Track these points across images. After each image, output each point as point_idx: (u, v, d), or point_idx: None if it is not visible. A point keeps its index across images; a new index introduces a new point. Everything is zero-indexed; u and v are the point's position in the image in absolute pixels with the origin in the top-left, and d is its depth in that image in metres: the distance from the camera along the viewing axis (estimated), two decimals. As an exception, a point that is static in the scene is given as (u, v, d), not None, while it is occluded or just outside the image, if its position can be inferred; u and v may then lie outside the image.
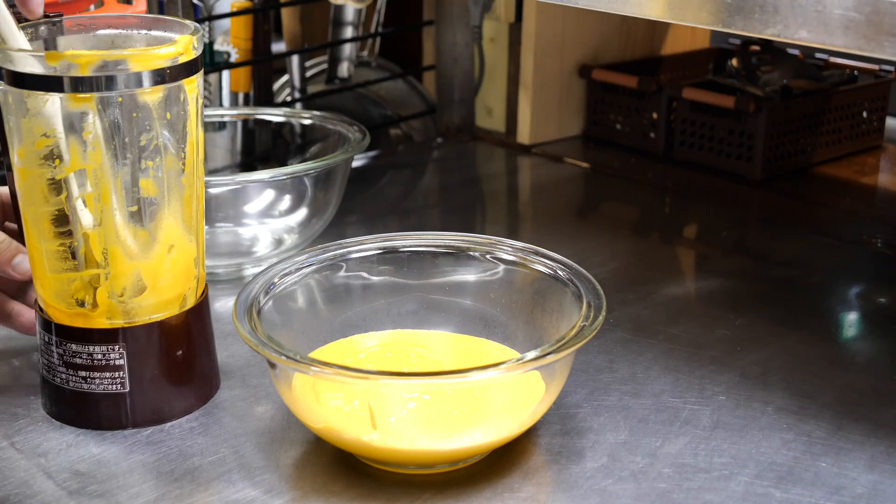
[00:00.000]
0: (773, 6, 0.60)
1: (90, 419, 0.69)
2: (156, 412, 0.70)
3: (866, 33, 0.57)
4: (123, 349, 0.68)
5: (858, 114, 1.22)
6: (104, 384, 0.69)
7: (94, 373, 0.68)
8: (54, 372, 0.69)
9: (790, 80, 1.18)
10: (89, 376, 0.69)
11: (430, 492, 0.62)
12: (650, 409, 0.71)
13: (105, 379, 0.69)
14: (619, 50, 1.30)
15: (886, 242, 0.99)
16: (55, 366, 0.69)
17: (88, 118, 0.64)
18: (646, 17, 0.67)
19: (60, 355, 0.69)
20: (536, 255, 0.73)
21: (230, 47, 1.25)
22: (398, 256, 0.76)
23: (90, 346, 0.68)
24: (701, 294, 0.92)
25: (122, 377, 0.69)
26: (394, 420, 0.63)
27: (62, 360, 0.69)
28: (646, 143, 1.23)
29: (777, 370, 0.76)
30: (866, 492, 0.63)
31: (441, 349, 0.73)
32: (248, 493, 0.63)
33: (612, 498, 0.62)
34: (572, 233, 1.04)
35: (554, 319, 0.70)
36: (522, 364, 0.60)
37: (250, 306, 0.67)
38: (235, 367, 0.76)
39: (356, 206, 1.08)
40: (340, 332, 0.74)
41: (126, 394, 0.69)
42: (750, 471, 0.65)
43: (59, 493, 0.63)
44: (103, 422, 0.69)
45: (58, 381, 0.69)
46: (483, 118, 1.32)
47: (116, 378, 0.69)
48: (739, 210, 1.11)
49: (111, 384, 0.69)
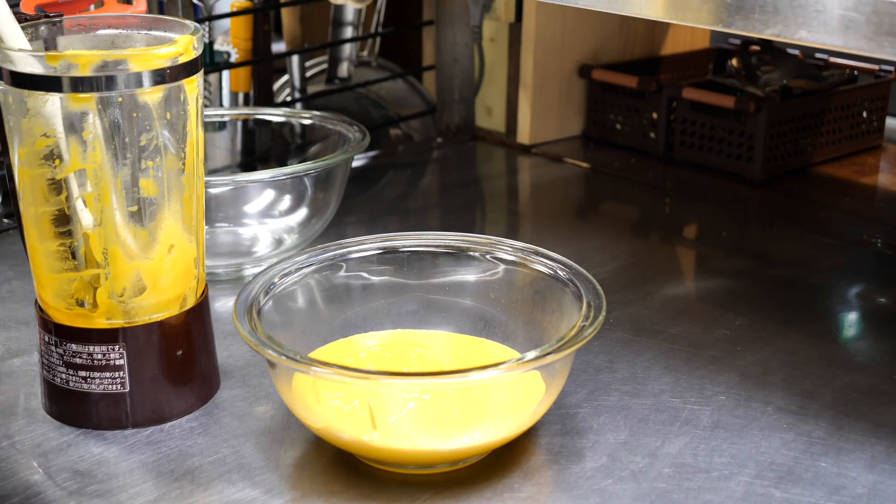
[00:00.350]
0: (773, 6, 0.60)
1: (90, 419, 0.69)
2: (156, 412, 0.70)
3: (866, 33, 0.57)
4: (123, 349, 0.68)
5: (858, 114, 1.22)
6: (104, 384, 0.69)
7: (94, 373, 0.68)
8: (54, 372, 0.69)
9: (790, 80, 1.18)
10: (89, 376, 0.69)
11: (430, 492, 0.62)
12: (650, 409, 0.71)
13: (105, 379, 0.69)
14: (619, 50, 1.30)
15: (886, 242, 0.99)
16: (55, 365, 0.69)
17: (88, 118, 0.64)
18: (646, 17, 0.67)
19: (60, 355, 0.69)
20: (536, 255, 0.73)
21: (230, 47, 1.25)
22: (398, 256, 0.76)
23: (90, 346, 0.68)
24: (701, 294, 0.92)
25: (122, 377, 0.69)
26: (394, 420, 0.63)
27: (62, 359, 0.69)
28: (646, 143, 1.23)
29: (777, 370, 0.76)
30: (866, 492, 0.63)
31: (441, 349, 0.73)
32: (248, 493, 0.63)
33: (612, 498, 0.62)
34: (572, 233, 1.04)
35: (554, 319, 0.70)
36: (522, 364, 0.60)
37: (250, 306, 0.67)
38: (235, 367, 0.76)
39: (356, 206, 1.08)
40: (340, 332, 0.74)
41: (126, 394, 0.69)
42: (750, 471, 0.65)
43: (59, 493, 0.63)
44: (103, 422, 0.69)
45: (58, 381, 0.69)
46: (483, 118, 1.32)
47: (116, 378, 0.69)
48: (739, 210, 1.11)
49: (111, 384, 0.69)
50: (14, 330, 0.82)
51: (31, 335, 0.81)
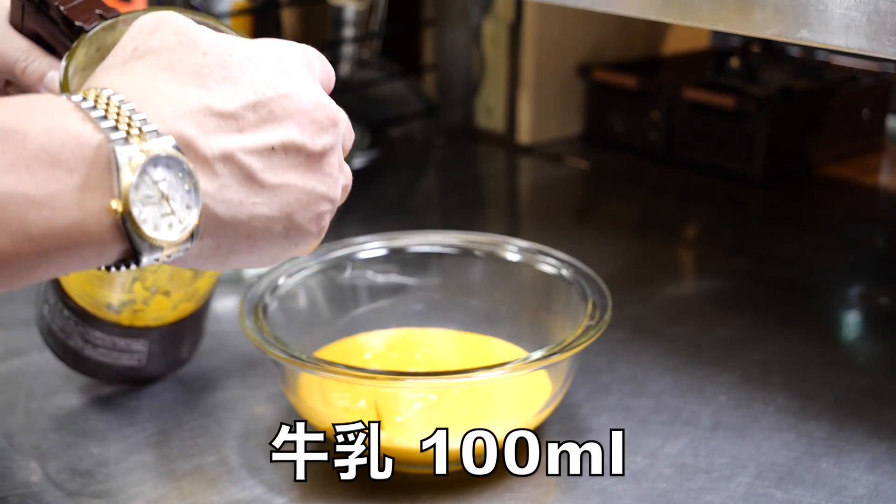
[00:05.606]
0: (773, 6, 0.60)
1: (96, 375, 0.72)
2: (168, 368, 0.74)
3: (867, 33, 0.57)
4: (146, 341, 0.70)
5: (859, 114, 1.22)
6: (122, 360, 0.71)
7: (115, 353, 0.70)
8: (67, 334, 0.70)
9: (790, 80, 1.18)
10: (109, 354, 0.70)
11: (431, 492, 0.62)
12: (650, 409, 0.71)
13: (123, 356, 0.71)
14: (619, 50, 1.30)
15: (886, 242, 0.99)
16: (72, 335, 0.70)
17: None
18: (646, 17, 0.67)
19: (81, 333, 0.70)
20: (542, 255, 0.73)
21: (230, 47, 1.25)
22: (403, 256, 0.76)
23: (114, 337, 0.70)
24: (701, 294, 0.92)
25: (140, 358, 0.71)
26: (400, 420, 0.63)
27: (83, 337, 0.70)
28: (646, 143, 1.23)
29: (777, 370, 0.76)
30: (867, 492, 0.63)
31: (447, 349, 0.73)
32: (248, 493, 0.63)
33: (612, 498, 0.62)
34: (572, 233, 1.04)
35: (559, 319, 0.70)
36: (529, 364, 0.60)
37: (256, 306, 0.66)
38: (235, 368, 0.76)
39: (356, 206, 1.08)
40: (346, 331, 0.74)
41: (142, 367, 0.72)
42: (750, 471, 0.64)
43: (59, 493, 0.63)
44: (114, 381, 0.73)
45: (71, 345, 0.71)
46: (483, 118, 1.32)
47: (134, 357, 0.71)
48: (739, 210, 1.11)
49: (129, 360, 0.71)
50: (14, 330, 0.82)
51: (31, 335, 0.81)
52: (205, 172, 0.43)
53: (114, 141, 0.40)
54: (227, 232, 0.45)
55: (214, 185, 0.43)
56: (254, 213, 0.45)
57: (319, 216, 0.48)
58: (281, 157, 0.45)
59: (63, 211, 0.39)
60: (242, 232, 0.45)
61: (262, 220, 0.45)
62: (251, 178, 0.45)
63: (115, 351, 0.70)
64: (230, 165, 0.44)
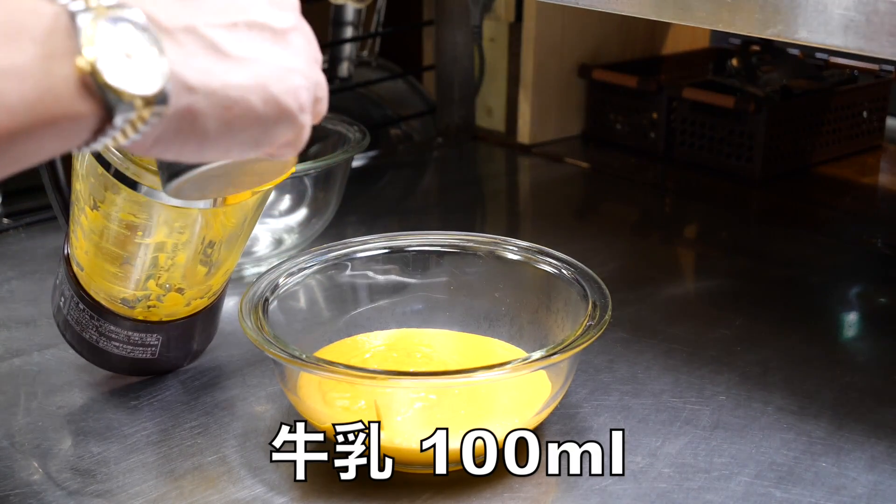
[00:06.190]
0: (773, 6, 0.60)
1: (108, 366, 0.73)
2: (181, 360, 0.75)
3: (866, 33, 0.57)
4: (160, 336, 0.71)
5: (858, 114, 1.22)
6: (136, 353, 0.71)
7: (129, 346, 0.71)
8: (82, 326, 0.71)
9: (790, 80, 1.19)
10: (123, 347, 0.71)
11: (430, 492, 0.62)
12: (650, 409, 0.71)
13: (137, 349, 0.71)
14: (619, 50, 1.30)
15: (886, 242, 0.99)
16: (88, 328, 0.70)
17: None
18: (646, 17, 0.67)
19: (97, 327, 0.70)
20: (542, 255, 0.73)
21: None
22: (403, 256, 0.76)
23: (128, 331, 0.70)
24: (701, 294, 0.92)
25: (154, 351, 0.71)
26: (400, 420, 0.63)
27: (98, 330, 0.70)
28: (646, 143, 1.23)
29: (777, 370, 0.76)
30: (866, 492, 0.63)
31: (447, 348, 0.73)
32: (248, 493, 0.63)
33: (612, 498, 0.62)
34: (572, 233, 1.04)
35: (559, 319, 0.70)
36: (529, 364, 0.60)
37: (256, 306, 0.67)
38: (235, 367, 0.76)
39: (356, 206, 1.08)
40: (345, 331, 0.74)
41: (156, 360, 0.72)
42: (750, 471, 0.65)
43: (60, 493, 0.63)
44: (125, 371, 0.74)
45: (87, 338, 0.71)
46: (483, 118, 1.32)
47: (148, 350, 0.71)
48: (739, 210, 1.11)
49: (143, 353, 0.71)
50: (14, 330, 0.82)
51: (31, 335, 0.81)
52: (169, 41, 0.43)
53: (73, 9, 0.41)
54: (200, 99, 0.44)
55: (179, 53, 0.43)
56: (226, 82, 0.44)
57: (296, 89, 0.47)
58: (244, 31, 0.45)
59: (32, 80, 0.40)
60: (217, 101, 0.44)
61: (236, 89, 0.45)
62: (216, 49, 0.44)
63: (129, 344, 0.70)
64: (193, 36, 0.44)
